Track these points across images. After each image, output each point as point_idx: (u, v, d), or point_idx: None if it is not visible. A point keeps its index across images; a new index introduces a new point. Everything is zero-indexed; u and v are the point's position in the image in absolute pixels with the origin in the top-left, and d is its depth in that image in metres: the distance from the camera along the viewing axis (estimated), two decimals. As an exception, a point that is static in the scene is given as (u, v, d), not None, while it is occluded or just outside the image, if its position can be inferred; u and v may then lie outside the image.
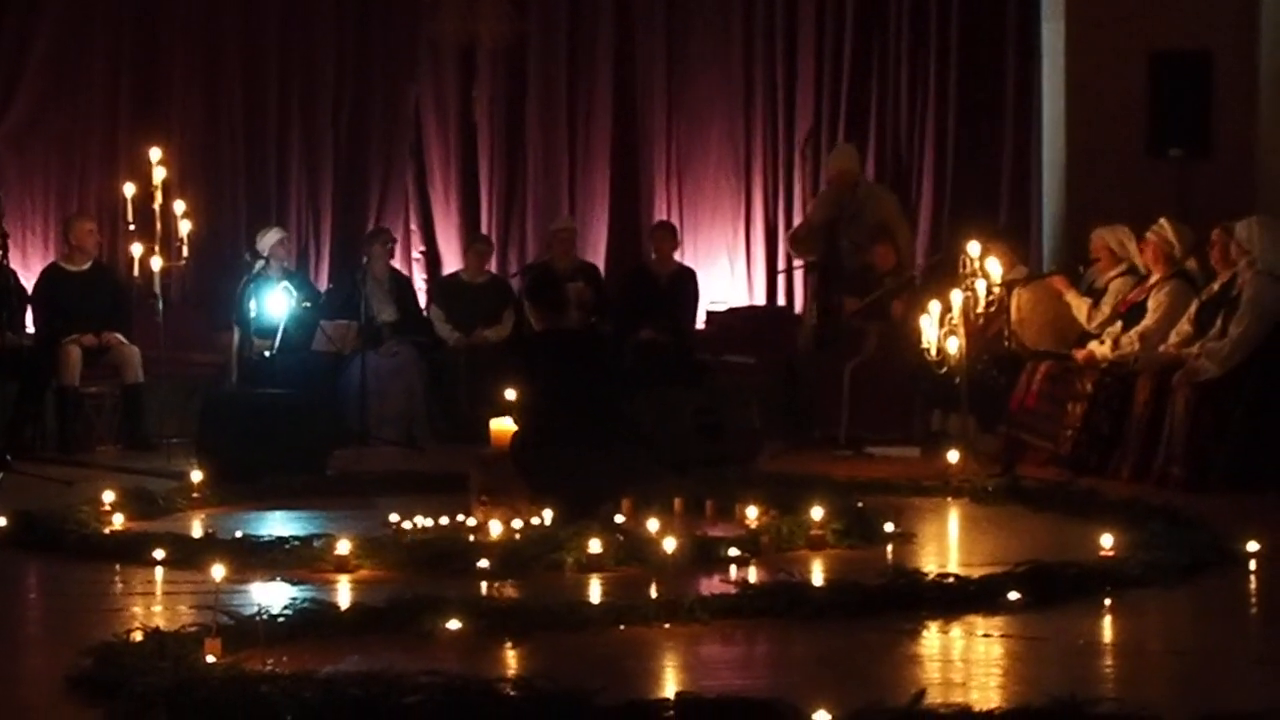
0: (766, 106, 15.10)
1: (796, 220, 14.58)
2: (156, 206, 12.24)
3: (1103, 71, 13.01)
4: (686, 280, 14.24)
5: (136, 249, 12.38)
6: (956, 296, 11.10)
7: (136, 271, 12.36)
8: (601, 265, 14.93)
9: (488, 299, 14.03)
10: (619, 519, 9.23)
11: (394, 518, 9.45)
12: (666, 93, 15.19)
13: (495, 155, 15.18)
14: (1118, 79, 12.88)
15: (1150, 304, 11.53)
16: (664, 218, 14.98)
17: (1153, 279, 11.63)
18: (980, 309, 11.14)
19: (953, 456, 11.11)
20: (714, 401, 11.81)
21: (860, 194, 13.56)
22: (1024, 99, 14.00)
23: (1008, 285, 11.56)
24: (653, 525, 8.80)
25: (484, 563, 8.34)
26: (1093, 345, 11.70)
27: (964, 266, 11.23)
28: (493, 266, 14.50)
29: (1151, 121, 12.79)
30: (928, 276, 12.93)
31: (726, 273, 15.09)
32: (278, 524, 9.74)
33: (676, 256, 14.32)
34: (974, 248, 11.25)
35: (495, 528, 8.99)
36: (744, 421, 11.78)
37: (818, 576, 8.33)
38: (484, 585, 8.09)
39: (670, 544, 8.23)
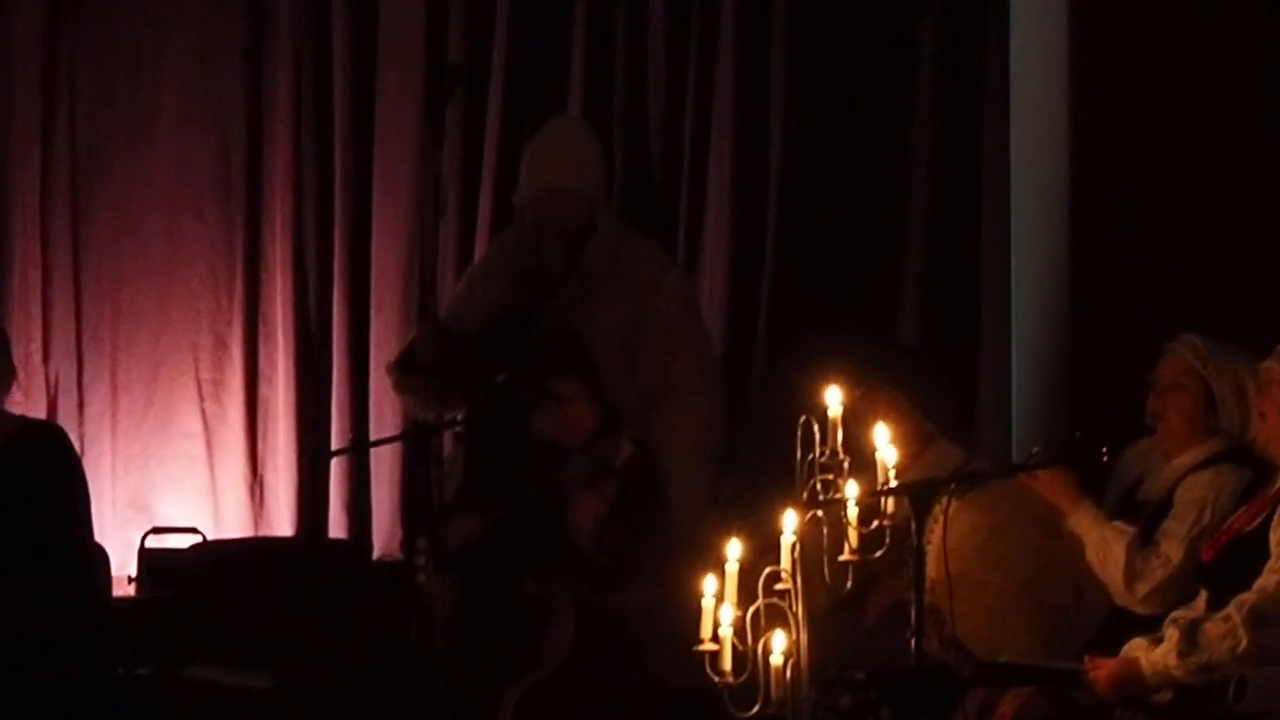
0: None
1: (385, 315, 7.40)
2: None
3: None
4: None
5: None
6: (788, 521, 5.15)
7: None
8: None
9: None
10: None
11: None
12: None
13: None
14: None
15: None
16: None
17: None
18: (848, 551, 5.21)
19: None
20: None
21: (589, 256, 6.39)
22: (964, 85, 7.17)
23: (919, 492, 5.46)
24: None
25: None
26: (1134, 645, 5.63)
27: (807, 443, 5.35)
28: None
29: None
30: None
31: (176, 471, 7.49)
32: None
33: None
34: (834, 397, 5.38)
35: None
36: None
37: None
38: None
39: None
